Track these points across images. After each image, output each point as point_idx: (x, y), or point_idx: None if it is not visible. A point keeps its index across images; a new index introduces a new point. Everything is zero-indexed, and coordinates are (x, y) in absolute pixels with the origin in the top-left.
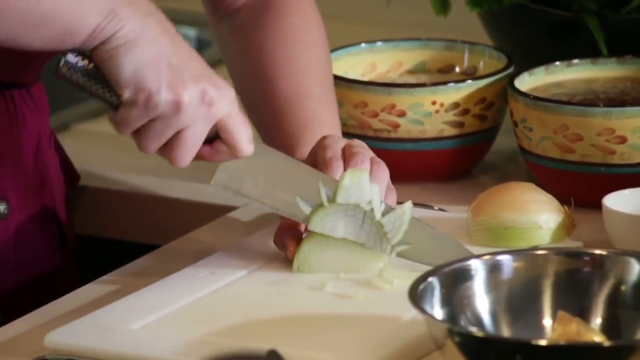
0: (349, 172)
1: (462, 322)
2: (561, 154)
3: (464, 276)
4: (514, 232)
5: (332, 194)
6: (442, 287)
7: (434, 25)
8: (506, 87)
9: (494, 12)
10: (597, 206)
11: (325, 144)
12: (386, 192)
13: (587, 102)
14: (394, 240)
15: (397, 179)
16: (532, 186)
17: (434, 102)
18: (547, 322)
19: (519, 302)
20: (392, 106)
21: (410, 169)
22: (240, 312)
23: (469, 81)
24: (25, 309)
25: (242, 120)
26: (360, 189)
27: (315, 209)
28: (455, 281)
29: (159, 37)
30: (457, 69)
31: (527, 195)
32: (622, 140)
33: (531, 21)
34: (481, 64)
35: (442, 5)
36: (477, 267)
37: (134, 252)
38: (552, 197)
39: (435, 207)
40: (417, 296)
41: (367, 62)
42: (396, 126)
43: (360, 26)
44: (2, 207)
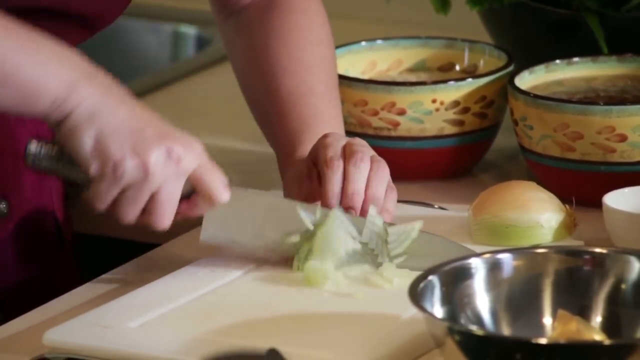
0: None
1: (462, 321)
2: (561, 152)
3: (464, 274)
4: (515, 231)
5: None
6: (442, 285)
7: (434, 23)
8: (506, 86)
9: (494, 11)
10: (598, 205)
11: (325, 142)
12: (386, 191)
13: (588, 101)
14: (395, 252)
15: (397, 178)
16: (534, 185)
17: (434, 101)
18: (547, 320)
19: (519, 301)
20: (392, 104)
21: (410, 168)
22: (239, 311)
23: (469, 79)
24: (24, 307)
25: (213, 169)
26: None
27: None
28: (455, 280)
29: (117, 107)
30: (457, 67)
31: (529, 194)
32: (622, 138)
33: (531, 19)
34: (481, 62)
35: (442, 3)
36: (477, 266)
37: (133, 251)
38: (553, 195)
39: (435, 206)
40: (417, 294)
41: (367, 60)
42: (396, 124)
43: (360, 24)
44: (2, 206)
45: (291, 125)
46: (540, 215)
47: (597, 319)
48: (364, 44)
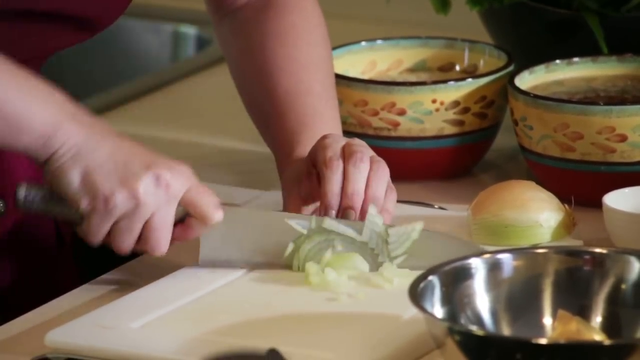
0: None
1: (462, 321)
2: (561, 152)
3: (464, 275)
4: (514, 231)
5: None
6: (443, 285)
7: (434, 23)
8: (506, 86)
9: (494, 11)
10: (598, 205)
11: (325, 143)
12: (386, 191)
13: (588, 101)
14: (395, 252)
15: (397, 178)
16: (533, 184)
17: (434, 101)
18: (547, 320)
19: (519, 301)
20: (392, 104)
21: (410, 168)
22: (239, 311)
23: (469, 79)
24: (24, 307)
25: (204, 190)
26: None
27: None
28: (455, 280)
29: (101, 142)
30: (457, 67)
31: (528, 193)
32: (622, 138)
33: (531, 19)
34: (481, 62)
35: (442, 3)
36: (477, 266)
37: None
38: (552, 195)
39: (435, 206)
40: (417, 295)
41: (367, 60)
42: (396, 125)
43: (360, 24)
44: None
45: (289, 125)
46: (539, 214)
47: (597, 319)
48: (364, 44)
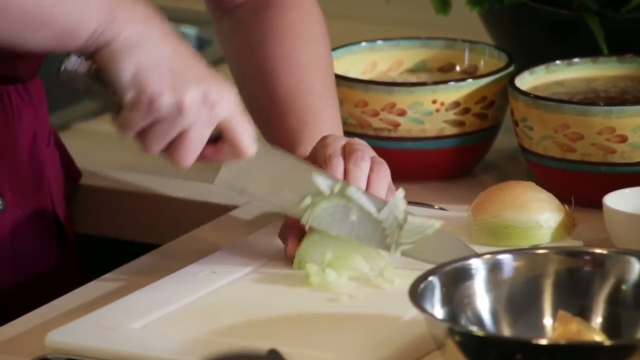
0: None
1: (463, 322)
2: (562, 153)
3: (465, 275)
4: (514, 231)
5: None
6: (443, 286)
7: (434, 24)
8: (507, 86)
9: (494, 11)
10: (598, 205)
11: (326, 142)
12: (387, 192)
13: (588, 101)
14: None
15: (398, 178)
16: (533, 185)
17: (434, 101)
18: (547, 321)
19: (519, 302)
20: (393, 105)
21: (410, 168)
22: (240, 311)
23: (470, 80)
24: (24, 306)
25: (244, 120)
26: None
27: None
28: (455, 280)
29: (160, 41)
30: (457, 68)
31: (528, 194)
32: (623, 139)
33: (532, 20)
34: (482, 63)
35: (442, 4)
36: (478, 266)
37: (134, 252)
38: (552, 196)
39: (435, 206)
40: (417, 295)
41: (368, 60)
42: (396, 125)
43: (360, 25)
44: None
45: (290, 124)
46: (539, 215)
47: (598, 320)
48: (364, 44)
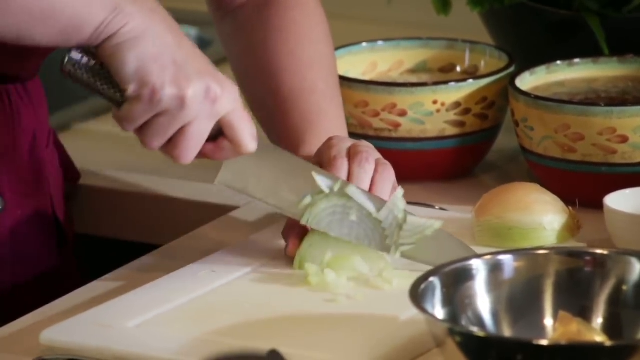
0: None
1: (463, 322)
2: (562, 153)
3: (465, 276)
4: (518, 233)
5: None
6: (443, 286)
7: (435, 24)
8: (507, 87)
9: (495, 12)
10: (599, 206)
11: (331, 143)
12: (391, 194)
13: (589, 102)
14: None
15: (398, 179)
16: (537, 187)
17: (435, 102)
18: (548, 322)
19: (520, 302)
20: (393, 105)
21: (411, 169)
22: (240, 311)
23: (470, 80)
24: (24, 306)
25: (245, 117)
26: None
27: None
28: (456, 281)
29: (164, 34)
30: (458, 68)
31: (532, 196)
32: (624, 139)
33: (532, 20)
34: (482, 63)
35: (443, 4)
36: (478, 267)
37: (135, 252)
38: (557, 198)
39: (436, 207)
40: (418, 296)
41: (368, 61)
42: (397, 125)
43: (361, 25)
44: None
45: (294, 123)
46: (543, 217)
47: (598, 320)
48: (364, 45)
